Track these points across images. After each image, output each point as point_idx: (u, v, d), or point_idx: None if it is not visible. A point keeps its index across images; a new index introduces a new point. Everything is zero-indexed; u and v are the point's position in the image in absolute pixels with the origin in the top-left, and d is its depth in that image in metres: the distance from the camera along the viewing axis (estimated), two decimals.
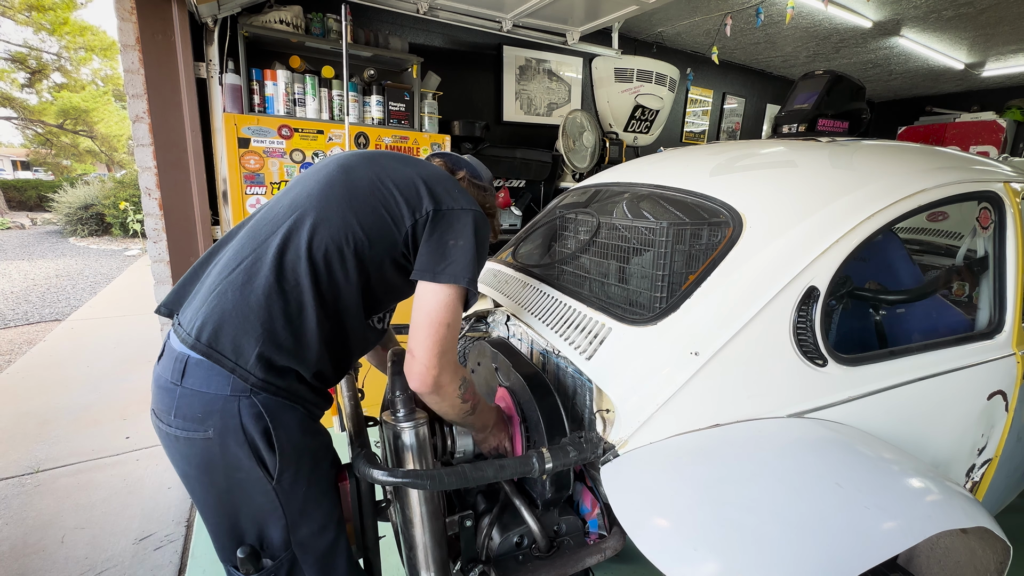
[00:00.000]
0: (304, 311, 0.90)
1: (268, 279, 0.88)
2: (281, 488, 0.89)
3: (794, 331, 1.01)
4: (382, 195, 0.96)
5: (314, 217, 0.92)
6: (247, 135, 2.30)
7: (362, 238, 0.94)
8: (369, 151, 1.08)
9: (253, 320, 0.86)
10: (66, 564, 1.79)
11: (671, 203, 1.31)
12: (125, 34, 2.20)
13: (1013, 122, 5.00)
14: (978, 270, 1.41)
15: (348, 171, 0.99)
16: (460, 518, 1.04)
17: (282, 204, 0.98)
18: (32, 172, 24.86)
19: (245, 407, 0.84)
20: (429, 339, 0.92)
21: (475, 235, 0.98)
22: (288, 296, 0.89)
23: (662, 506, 0.83)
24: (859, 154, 1.29)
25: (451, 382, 0.96)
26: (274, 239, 0.91)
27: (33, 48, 14.26)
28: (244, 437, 0.85)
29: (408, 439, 0.98)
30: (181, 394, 0.86)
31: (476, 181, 1.20)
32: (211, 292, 0.90)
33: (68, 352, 3.94)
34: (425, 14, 2.88)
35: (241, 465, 0.86)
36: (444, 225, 0.97)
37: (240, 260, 0.91)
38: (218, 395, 0.84)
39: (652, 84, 3.90)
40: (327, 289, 0.93)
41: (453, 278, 0.93)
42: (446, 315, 0.94)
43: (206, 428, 0.85)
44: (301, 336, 0.90)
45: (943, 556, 1.05)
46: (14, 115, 15.39)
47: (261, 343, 0.85)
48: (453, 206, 0.98)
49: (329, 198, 0.95)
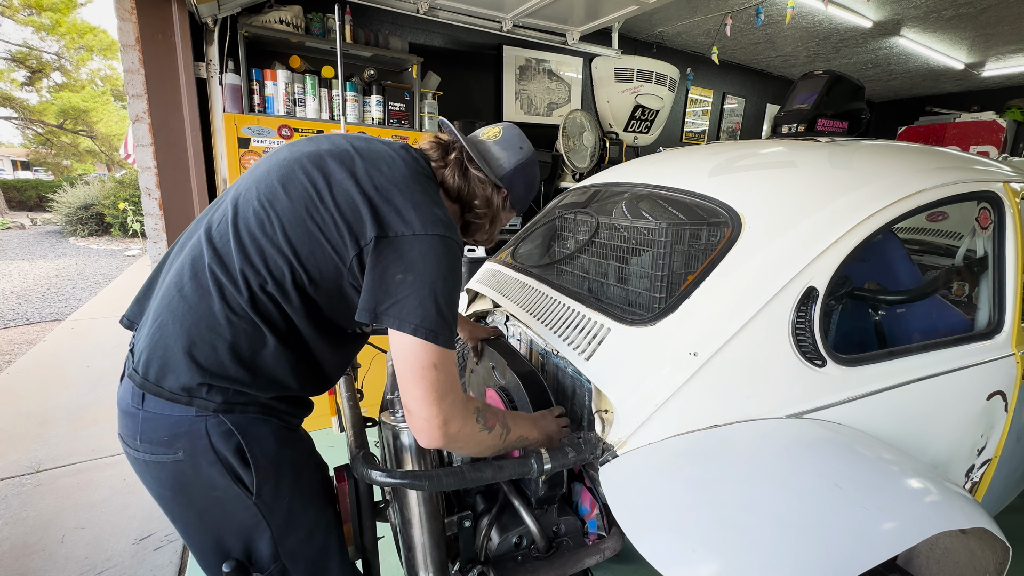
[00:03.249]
0: (256, 343, 0.81)
1: (210, 309, 0.79)
2: (263, 502, 0.85)
3: (793, 331, 1.01)
4: (321, 219, 0.82)
5: (243, 242, 0.81)
6: (247, 135, 2.30)
7: (301, 274, 0.82)
8: (317, 150, 0.89)
9: (198, 357, 0.78)
10: (66, 564, 1.79)
11: (670, 203, 1.31)
12: (125, 34, 2.20)
13: (1013, 122, 5.00)
14: (977, 270, 1.41)
15: (285, 186, 0.84)
16: (459, 519, 1.04)
17: (222, 215, 0.86)
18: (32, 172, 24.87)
19: (213, 426, 0.79)
20: (418, 389, 0.79)
21: (429, 267, 0.80)
22: (236, 329, 0.80)
23: (661, 507, 0.83)
24: (858, 154, 1.29)
25: (463, 423, 0.83)
26: (207, 260, 0.82)
27: (33, 48, 14.27)
28: (216, 456, 0.80)
29: (407, 440, 0.98)
30: (144, 418, 0.80)
31: (474, 170, 0.99)
32: (154, 321, 0.82)
33: (68, 352, 3.94)
34: (425, 14, 2.88)
35: (216, 484, 0.81)
36: (387, 255, 0.80)
37: (180, 284, 0.82)
38: (183, 417, 0.79)
39: (652, 84, 3.90)
40: (279, 321, 0.83)
41: (399, 323, 0.78)
42: (424, 358, 0.79)
43: (175, 451, 0.80)
44: (257, 369, 0.82)
45: (942, 557, 1.05)
46: (14, 115, 15.40)
47: (211, 379, 0.79)
48: (400, 232, 0.81)
49: (262, 220, 0.82)
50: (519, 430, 0.96)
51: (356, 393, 1.28)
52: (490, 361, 1.25)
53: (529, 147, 1.05)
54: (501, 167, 1.01)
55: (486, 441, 0.89)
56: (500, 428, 0.91)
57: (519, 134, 1.05)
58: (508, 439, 0.93)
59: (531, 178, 1.06)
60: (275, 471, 0.85)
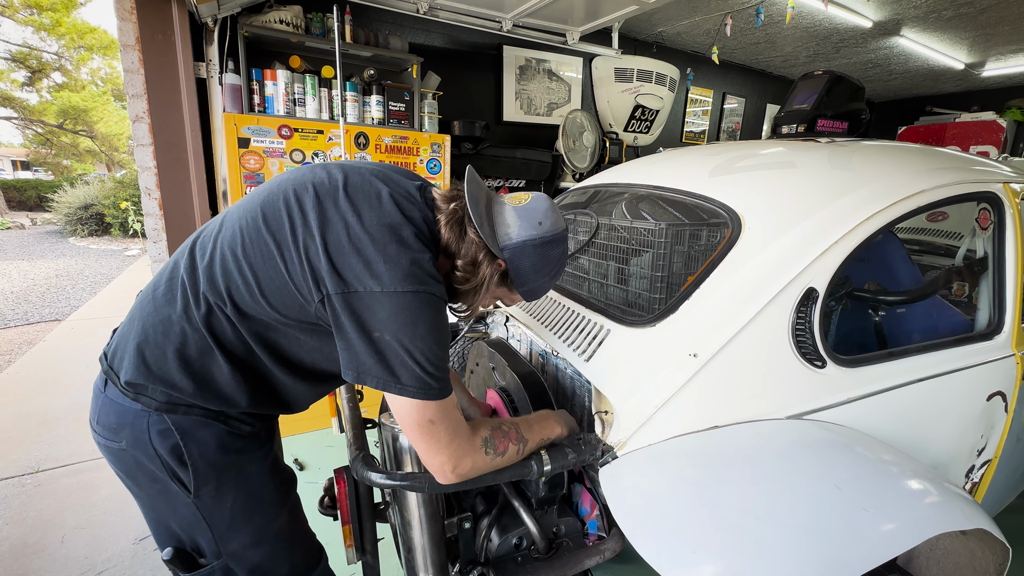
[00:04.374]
0: (207, 359, 0.82)
1: (170, 316, 0.82)
2: (201, 503, 0.85)
3: (793, 332, 1.01)
4: (289, 257, 0.78)
5: (217, 262, 0.81)
6: (247, 135, 2.30)
7: (264, 307, 0.81)
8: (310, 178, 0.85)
9: (148, 358, 0.81)
10: (66, 564, 1.79)
11: (670, 204, 1.31)
12: (125, 34, 2.20)
13: (1013, 122, 5.00)
14: (977, 271, 1.41)
15: (266, 213, 0.82)
16: (459, 520, 1.04)
17: (211, 229, 0.87)
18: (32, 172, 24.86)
19: (154, 423, 0.80)
20: (421, 442, 0.80)
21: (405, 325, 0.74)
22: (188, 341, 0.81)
23: (660, 508, 0.83)
24: (858, 155, 1.29)
25: (474, 460, 0.83)
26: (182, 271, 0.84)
27: (33, 48, 14.27)
28: (154, 452, 0.81)
29: (406, 442, 0.98)
30: (103, 402, 0.84)
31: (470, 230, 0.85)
32: (130, 314, 0.87)
33: (68, 352, 3.94)
34: (425, 14, 2.88)
35: (157, 477, 0.83)
36: (362, 312, 0.75)
37: (156, 285, 0.86)
38: (128, 408, 0.81)
39: (652, 84, 3.90)
40: (234, 343, 0.83)
41: (382, 384, 0.75)
42: (417, 415, 0.77)
43: (119, 439, 0.82)
44: (204, 382, 0.82)
45: (942, 557, 1.05)
46: (14, 115, 15.40)
47: (154, 381, 0.80)
48: (371, 287, 0.74)
49: (235, 246, 0.81)
50: (538, 435, 0.96)
51: (356, 394, 1.28)
52: (490, 362, 1.25)
53: (552, 227, 0.88)
54: (507, 236, 0.87)
55: (502, 464, 0.89)
56: (514, 446, 0.90)
57: (548, 209, 0.89)
58: (526, 450, 0.93)
59: (543, 260, 0.88)
60: (216, 474, 0.85)
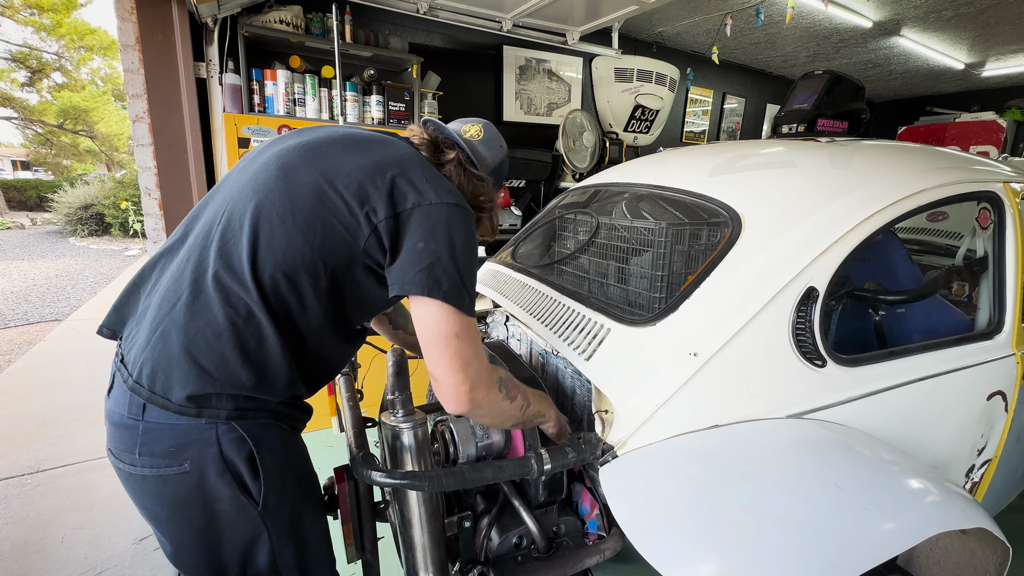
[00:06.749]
0: (264, 346, 0.79)
1: (215, 316, 0.77)
2: (267, 511, 0.83)
3: (793, 332, 1.01)
4: (331, 203, 0.81)
5: (252, 237, 0.79)
6: (247, 135, 2.30)
7: (315, 265, 0.81)
8: (313, 138, 0.90)
9: (207, 365, 0.76)
10: (66, 564, 1.79)
11: (670, 203, 1.31)
12: (125, 34, 2.20)
13: (1013, 122, 5.00)
14: (978, 270, 1.41)
15: (288, 174, 0.83)
16: (459, 519, 1.04)
17: (220, 217, 0.83)
18: (32, 172, 24.84)
19: (224, 433, 0.77)
20: (443, 357, 0.81)
21: (449, 234, 0.82)
22: (242, 333, 0.78)
23: (661, 507, 0.83)
24: (858, 154, 1.29)
25: (488, 392, 0.86)
26: (210, 264, 0.79)
27: (33, 48, 14.27)
28: (225, 466, 0.77)
29: (407, 440, 0.98)
30: (145, 429, 0.76)
31: (471, 169, 1.02)
32: (154, 331, 0.78)
33: (68, 352, 3.94)
34: (425, 14, 2.88)
35: (221, 496, 0.79)
36: (407, 228, 0.82)
37: (179, 292, 0.79)
38: (192, 426, 0.76)
39: (652, 84, 3.90)
40: (287, 320, 0.81)
41: (425, 289, 0.80)
42: (447, 326, 0.81)
43: (180, 462, 0.76)
44: (265, 372, 0.80)
45: (942, 557, 1.05)
46: (14, 115, 15.40)
47: (220, 387, 0.76)
48: (417, 203, 0.82)
49: (269, 213, 0.80)
50: (537, 406, 1.00)
51: (356, 393, 1.28)
52: None
53: (504, 145, 1.13)
54: (487, 165, 1.08)
55: (508, 411, 0.92)
56: (521, 400, 0.94)
57: (496, 133, 1.13)
58: (528, 412, 0.97)
59: (505, 172, 1.16)
60: (281, 479, 0.84)
